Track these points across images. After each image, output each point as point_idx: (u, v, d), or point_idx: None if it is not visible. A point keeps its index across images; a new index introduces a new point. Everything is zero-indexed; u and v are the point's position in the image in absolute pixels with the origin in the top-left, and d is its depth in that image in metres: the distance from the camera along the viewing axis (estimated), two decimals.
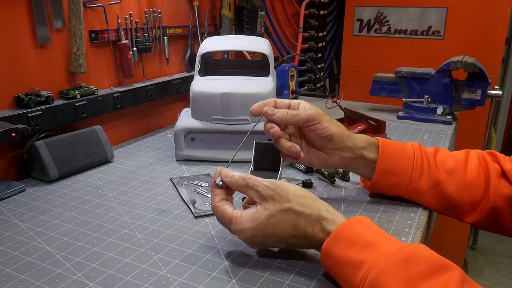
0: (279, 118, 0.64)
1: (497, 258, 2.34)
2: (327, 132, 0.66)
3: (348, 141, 0.67)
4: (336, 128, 0.66)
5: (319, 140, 0.67)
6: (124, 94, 1.04)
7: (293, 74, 1.45)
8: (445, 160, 0.69)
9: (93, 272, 0.54)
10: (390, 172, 0.69)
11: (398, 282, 0.43)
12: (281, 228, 0.53)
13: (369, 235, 0.49)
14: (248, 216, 0.53)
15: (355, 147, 0.68)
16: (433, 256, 0.45)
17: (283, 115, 0.64)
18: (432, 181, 0.68)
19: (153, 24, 1.12)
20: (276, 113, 0.64)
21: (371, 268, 0.45)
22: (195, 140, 0.92)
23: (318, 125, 0.65)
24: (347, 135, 0.68)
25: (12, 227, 0.66)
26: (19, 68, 0.84)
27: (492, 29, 1.72)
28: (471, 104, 1.24)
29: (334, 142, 0.66)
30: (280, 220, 0.52)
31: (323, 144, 0.67)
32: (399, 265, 0.44)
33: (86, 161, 0.87)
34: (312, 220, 0.52)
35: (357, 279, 0.46)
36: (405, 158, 0.68)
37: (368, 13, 1.97)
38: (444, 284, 0.42)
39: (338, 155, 0.68)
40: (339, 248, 0.49)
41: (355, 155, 0.68)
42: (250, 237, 0.54)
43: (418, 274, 0.43)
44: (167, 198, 0.75)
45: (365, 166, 0.70)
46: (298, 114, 0.64)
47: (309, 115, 0.65)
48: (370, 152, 0.69)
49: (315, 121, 0.65)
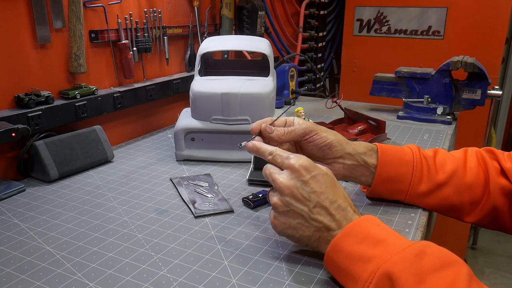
0: (276, 136, 0.64)
1: (497, 258, 2.34)
2: (326, 140, 0.65)
3: (348, 148, 0.67)
4: (334, 136, 0.66)
5: (319, 150, 0.66)
6: (124, 94, 1.04)
7: (293, 74, 1.45)
8: (445, 162, 0.69)
9: (93, 272, 0.54)
10: (389, 179, 0.68)
11: (409, 275, 0.43)
12: (323, 188, 0.54)
13: (379, 233, 0.50)
14: (311, 162, 0.55)
15: (356, 153, 0.67)
16: (442, 252, 0.46)
17: (280, 132, 0.64)
18: (432, 185, 0.67)
19: (153, 24, 1.12)
20: (274, 130, 0.64)
21: (382, 263, 0.46)
22: (195, 140, 0.92)
23: (316, 136, 0.65)
24: (346, 141, 0.68)
25: (12, 227, 0.66)
26: (19, 68, 0.84)
27: (492, 29, 1.72)
28: (471, 104, 1.24)
29: (335, 150, 0.66)
30: (323, 181, 0.54)
31: (323, 154, 0.67)
32: (410, 259, 0.45)
33: (86, 161, 0.87)
34: (342, 208, 0.54)
35: (365, 273, 0.46)
36: (404, 164, 0.68)
37: (368, 13, 1.97)
38: (453, 277, 0.43)
39: (340, 163, 0.67)
40: (349, 243, 0.50)
41: (357, 162, 0.68)
42: (297, 177, 0.54)
43: (428, 268, 0.43)
44: (167, 198, 0.75)
45: (367, 174, 0.69)
46: (294, 130, 0.65)
47: (305, 128, 0.65)
48: (370, 158, 0.68)
49: (312, 133, 0.65)
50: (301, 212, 0.54)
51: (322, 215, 0.53)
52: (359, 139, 1.01)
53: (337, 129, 1.11)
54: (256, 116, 0.88)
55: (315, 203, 0.53)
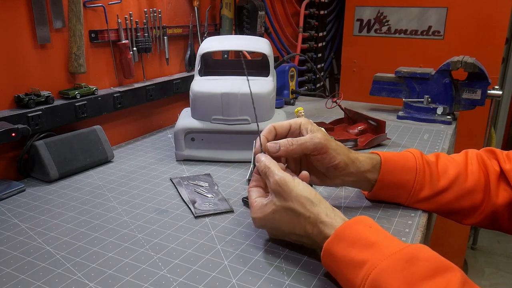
0: (284, 153, 0.61)
1: (497, 258, 2.34)
2: (333, 162, 0.64)
3: (352, 167, 0.66)
4: (342, 157, 0.64)
5: (324, 168, 0.65)
6: (124, 94, 1.04)
7: (293, 74, 1.45)
8: (447, 167, 0.68)
9: (93, 272, 0.54)
10: (391, 185, 0.68)
11: (400, 283, 0.42)
12: (284, 224, 0.56)
13: (370, 235, 0.49)
14: (259, 207, 0.57)
15: (358, 171, 0.66)
16: (434, 257, 0.45)
17: (288, 147, 0.61)
18: (433, 192, 0.67)
19: (153, 24, 1.12)
20: (279, 148, 0.61)
21: (372, 268, 0.45)
22: (195, 140, 0.92)
23: (325, 155, 0.63)
24: (352, 160, 0.66)
25: (12, 227, 0.66)
26: (19, 68, 0.84)
27: (492, 29, 1.72)
28: (471, 104, 1.24)
29: (339, 170, 0.65)
30: (283, 216, 0.55)
31: (327, 171, 0.66)
32: (401, 265, 0.44)
33: (86, 161, 0.87)
34: (311, 222, 0.53)
35: (358, 278, 0.46)
36: (407, 171, 0.67)
37: (368, 13, 1.97)
38: (445, 285, 0.42)
39: (341, 180, 0.67)
40: (340, 247, 0.49)
41: (358, 179, 0.67)
42: (260, 226, 0.59)
43: (420, 275, 0.42)
44: (167, 198, 0.75)
45: (366, 186, 0.70)
46: (305, 144, 0.61)
47: (316, 144, 0.62)
48: (373, 174, 0.67)
49: (323, 150, 0.62)
50: (280, 233, 0.58)
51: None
52: (359, 139, 1.01)
53: (337, 129, 1.11)
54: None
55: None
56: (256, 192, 0.60)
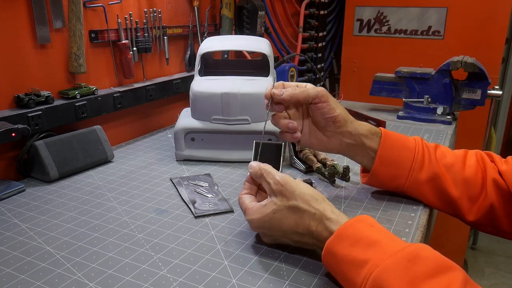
0: (288, 96, 0.65)
1: (497, 258, 2.34)
2: (332, 113, 0.66)
3: (350, 126, 0.68)
4: (341, 111, 0.67)
5: (323, 120, 0.67)
6: (124, 94, 1.04)
7: (293, 74, 1.45)
8: (444, 155, 0.69)
9: (93, 272, 0.54)
10: (390, 162, 0.69)
11: (402, 281, 0.42)
12: (286, 223, 0.55)
13: (372, 234, 0.49)
14: (257, 208, 0.56)
15: (356, 133, 0.68)
16: (436, 257, 0.45)
17: (292, 91, 0.65)
18: (431, 174, 0.68)
19: (153, 24, 1.12)
20: (284, 92, 0.65)
21: (374, 267, 0.45)
22: (195, 140, 0.92)
23: (326, 104, 0.66)
24: (351, 120, 0.68)
25: (12, 227, 0.66)
26: (19, 68, 0.84)
27: (492, 29, 1.72)
28: (471, 104, 1.24)
29: (337, 125, 0.67)
30: (285, 215, 0.55)
31: (325, 125, 0.68)
32: (403, 264, 0.44)
33: (86, 161, 0.87)
34: (316, 219, 0.53)
35: (359, 278, 0.46)
36: (406, 149, 0.69)
37: (368, 13, 1.97)
38: (447, 284, 0.42)
39: (338, 140, 0.68)
40: (342, 247, 0.49)
41: (354, 142, 0.68)
42: (257, 228, 0.58)
43: (422, 274, 0.42)
44: (167, 198, 0.75)
45: (363, 154, 0.70)
46: (307, 90, 0.65)
47: (318, 91, 0.65)
48: (371, 141, 0.69)
49: (323, 98, 0.66)
50: (280, 234, 0.58)
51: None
52: None
53: None
54: (256, 116, 0.88)
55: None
56: (249, 198, 0.60)
